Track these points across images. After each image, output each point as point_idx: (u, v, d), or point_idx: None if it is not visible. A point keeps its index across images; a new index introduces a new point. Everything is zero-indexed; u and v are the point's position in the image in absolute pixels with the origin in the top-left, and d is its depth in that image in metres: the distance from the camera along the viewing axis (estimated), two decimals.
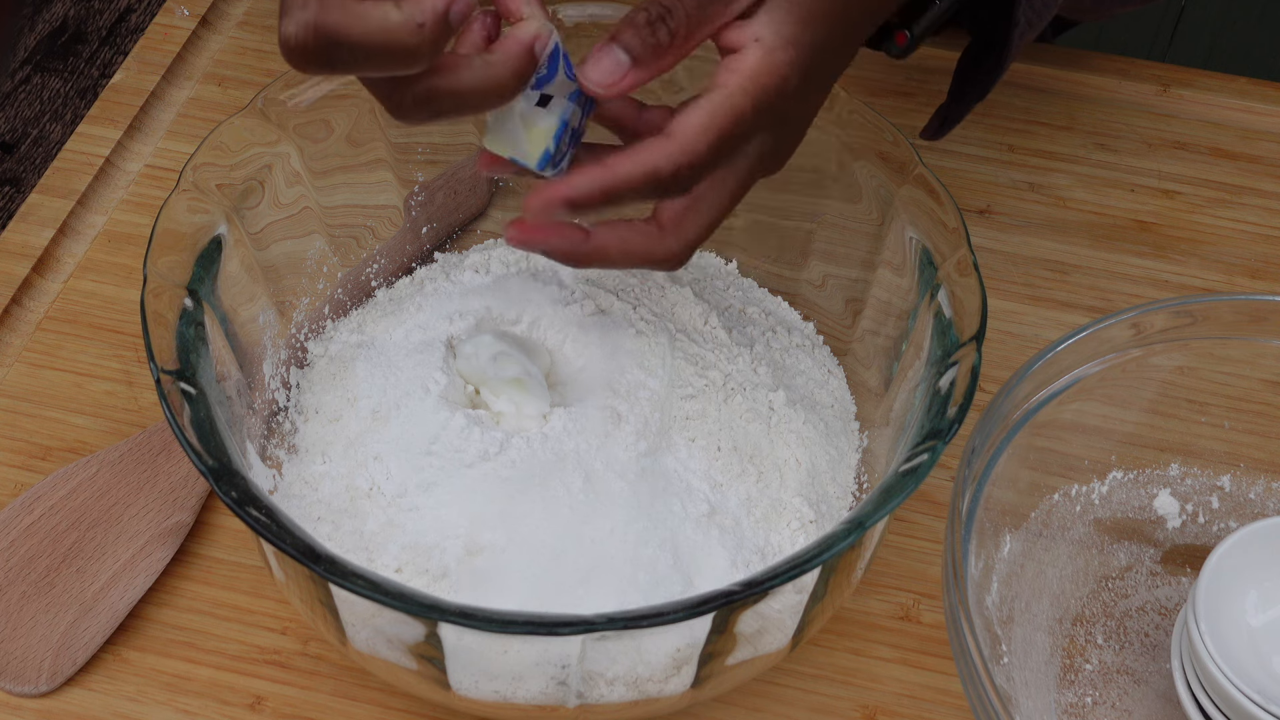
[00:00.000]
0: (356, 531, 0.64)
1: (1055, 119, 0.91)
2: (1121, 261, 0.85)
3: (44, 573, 0.70)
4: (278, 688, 0.69)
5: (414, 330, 0.71)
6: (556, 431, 0.65)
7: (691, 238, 0.57)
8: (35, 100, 1.70)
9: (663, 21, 0.54)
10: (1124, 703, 0.68)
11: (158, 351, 0.60)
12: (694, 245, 0.57)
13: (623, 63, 0.54)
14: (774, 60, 0.55)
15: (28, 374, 0.78)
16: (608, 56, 0.54)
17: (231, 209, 0.66)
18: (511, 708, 0.60)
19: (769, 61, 0.55)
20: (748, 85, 0.54)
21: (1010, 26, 0.68)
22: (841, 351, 0.74)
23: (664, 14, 0.54)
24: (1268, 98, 0.92)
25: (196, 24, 0.94)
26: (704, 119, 0.54)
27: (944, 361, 0.62)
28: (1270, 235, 0.86)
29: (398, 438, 0.66)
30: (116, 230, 0.84)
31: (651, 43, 0.54)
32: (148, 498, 0.72)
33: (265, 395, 0.69)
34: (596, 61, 0.54)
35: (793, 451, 0.68)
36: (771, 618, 0.60)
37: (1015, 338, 0.81)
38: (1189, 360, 0.71)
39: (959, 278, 0.64)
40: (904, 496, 0.57)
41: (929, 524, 0.74)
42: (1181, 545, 0.73)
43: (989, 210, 0.87)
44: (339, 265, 0.73)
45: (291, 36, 0.49)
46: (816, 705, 0.69)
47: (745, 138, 0.55)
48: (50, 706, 0.68)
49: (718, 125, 0.54)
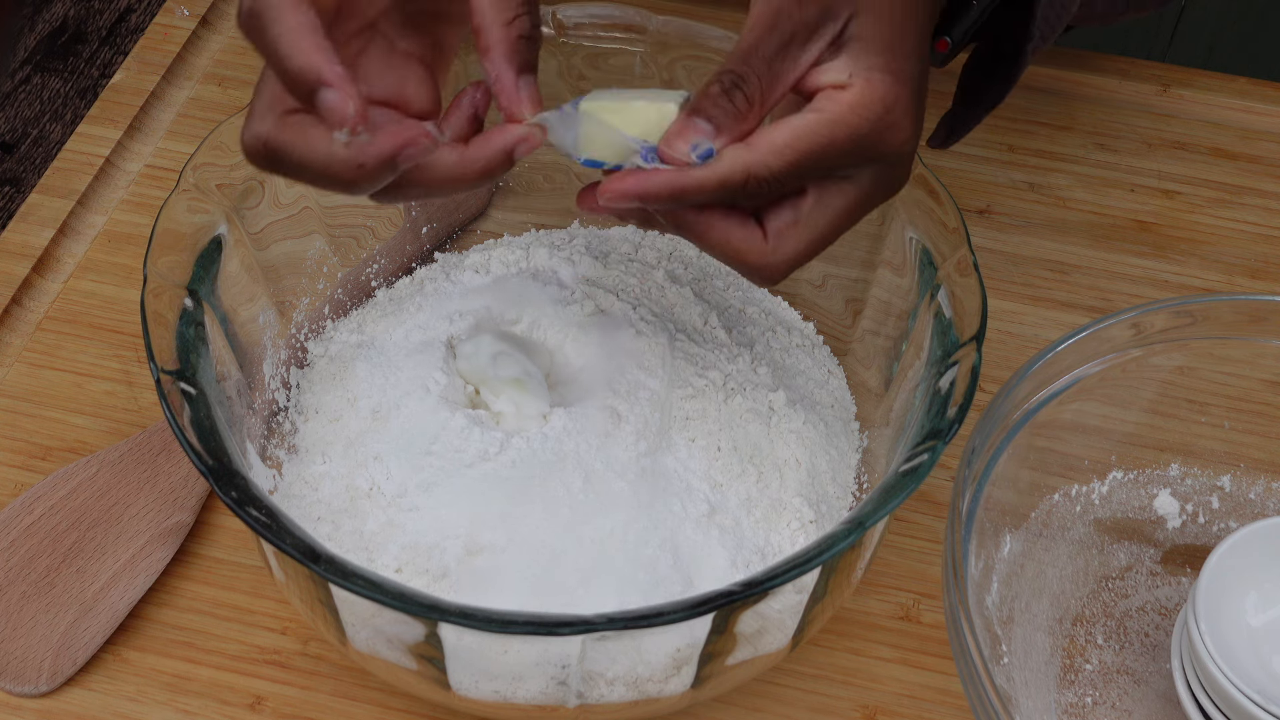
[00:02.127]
0: (356, 531, 0.64)
1: (1055, 119, 0.91)
2: (1121, 261, 0.85)
3: (44, 573, 0.70)
4: (278, 688, 0.69)
5: (414, 330, 0.71)
6: (556, 431, 0.65)
7: (790, 255, 0.57)
8: (35, 100, 1.70)
9: (737, 88, 0.55)
10: (1124, 703, 0.68)
11: (158, 351, 0.60)
12: (792, 263, 0.57)
13: (704, 129, 0.54)
14: (875, 95, 0.55)
15: (28, 374, 0.78)
16: (689, 128, 0.55)
17: (231, 209, 0.66)
18: (511, 708, 0.60)
19: (870, 95, 0.55)
20: (847, 116, 0.55)
21: (1024, 39, 0.68)
22: (841, 351, 0.74)
23: (738, 81, 0.55)
24: (1268, 98, 0.92)
25: (196, 24, 0.94)
26: (787, 137, 0.55)
27: (944, 361, 0.62)
28: (1270, 235, 0.86)
29: (398, 438, 0.66)
30: (116, 230, 0.84)
31: (731, 110, 0.55)
32: (148, 498, 0.72)
33: (265, 395, 0.69)
34: (679, 133, 0.55)
35: (793, 451, 0.68)
36: (771, 618, 0.60)
37: (1015, 338, 0.81)
38: (1189, 360, 0.71)
39: (959, 278, 0.64)
40: (904, 496, 0.57)
41: (929, 524, 0.74)
42: (1181, 545, 0.73)
43: (989, 210, 0.87)
44: (339, 265, 0.73)
45: (246, 144, 0.55)
46: (816, 705, 0.69)
47: (838, 165, 0.56)
48: (50, 706, 0.68)
49: (800, 147, 0.55)
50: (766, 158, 0.55)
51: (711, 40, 0.71)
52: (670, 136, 0.55)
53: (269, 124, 0.54)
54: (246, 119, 0.55)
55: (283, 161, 0.54)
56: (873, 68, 0.55)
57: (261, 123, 0.54)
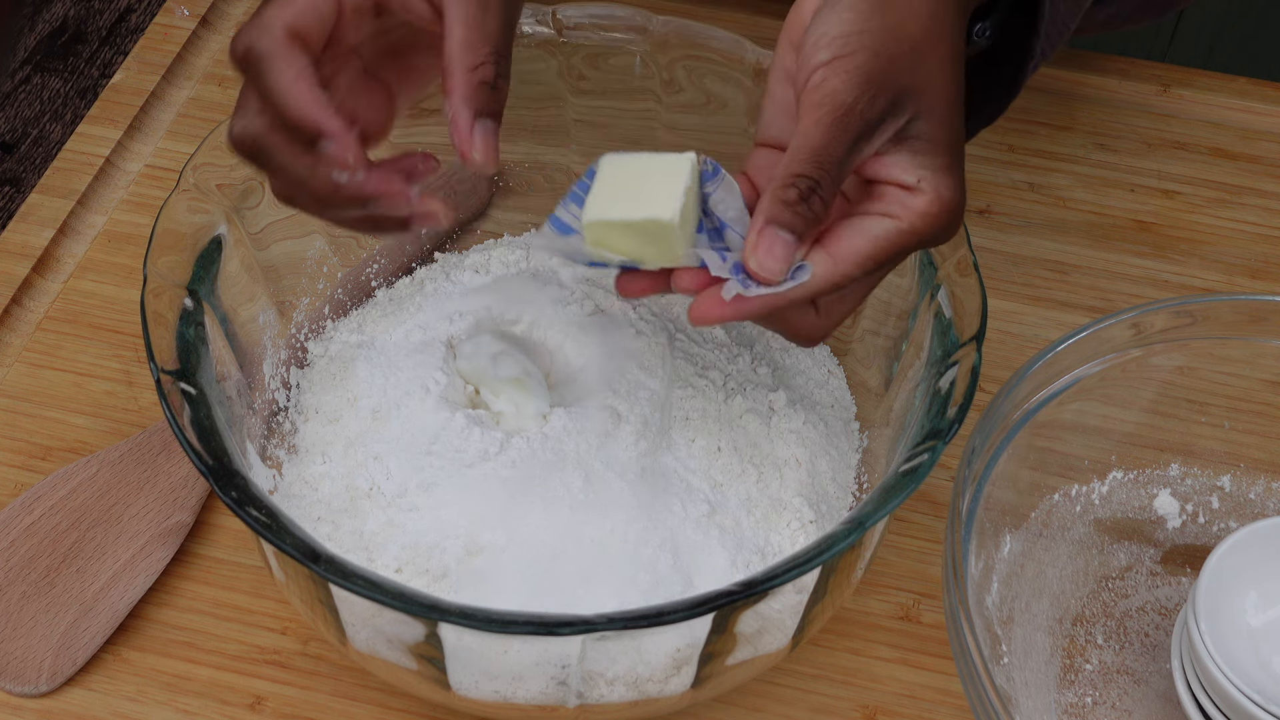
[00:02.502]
0: (356, 531, 0.64)
1: (1055, 119, 0.91)
2: (1121, 261, 0.85)
3: (44, 573, 0.70)
4: (278, 688, 0.69)
5: (414, 330, 0.71)
6: (556, 431, 0.65)
7: (836, 321, 0.59)
8: (35, 100, 1.70)
9: (814, 194, 0.55)
10: (1124, 703, 0.68)
11: (158, 351, 0.60)
12: (836, 326, 0.60)
13: (790, 243, 0.55)
14: (946, 203, 0.57)
15: (28, 374, 0.78)
16: (778, 244, 0.55)
17: (231, 209, 0.66)
18: (511, 708, 0.60)
19: (941, 204, 0.56)
20: (920, 225, 0.56)
21: (1026, 58, 0.68)
22: (841, 351, 0.74)
23: (814, 186, 0.55)
24: (1268, 98, 0.92)
25: (196, 24, 0.94)
26: (870, 249, 0.56)
27: (944, 361, 0.62)
28: (1270, 235, 0.86)
29: (398, 438, 0.66)
30: (116, 230, 0.84)
31: (809, 218, 0.55)
32: (148, 498, 0.72)
33: (265, 395, 0.69)
34: (769, 250, 0.55)
35: (793, 451, 0.68)
36: (771, 618, 0.60)
37: (1015, 338, 0.81)
38: (1189, 360, 0.71)
39: (959, 278, 0.64)
40: (904, 496, 0.57)
41: (929, 524, 0.74)
42: (1181, 545, 0.73)
43: (989, 210, 0.87)
44: (339, 265, 0.73)
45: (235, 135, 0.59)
46: (816, 705, 0.69)
47: (895, 262, 0.58)
48: (50, 706, 0.68)
49: (880, 257, 0.56)
50: (851, 270, 0.56)
51: (711, 40, 0.71)
52: (759, 250, 0.55)
53: (261, 124, 0.58)
54: (237, 108, 0.58)
55: (268, 162, 0.58)
56: (939, 169, 0.56)
57: (254, 120, 0.58)
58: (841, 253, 0.56)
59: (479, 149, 0.57)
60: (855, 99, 0.55)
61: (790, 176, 0.55)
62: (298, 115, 0.56)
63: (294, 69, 0.57)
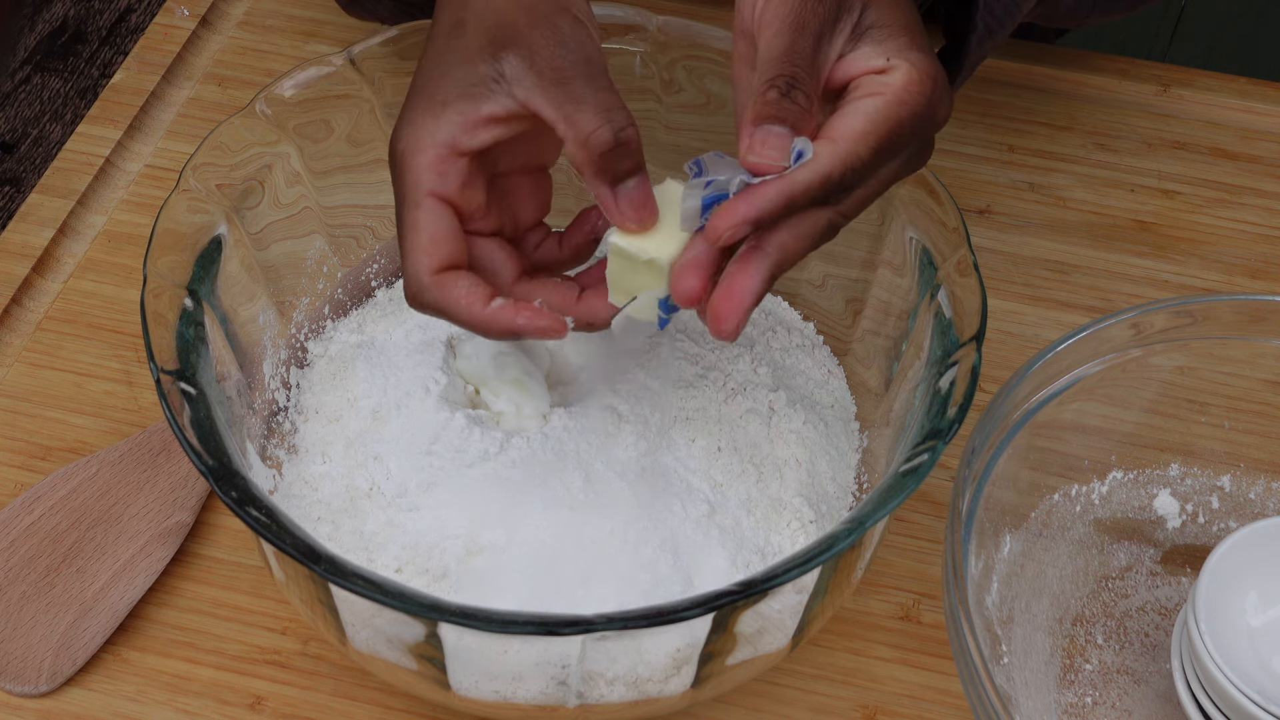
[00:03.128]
0: (356, 531, 0.64)
1: (1055, 119, 0.91)
2: (1121, 261, 0.85)
3: (44, 573, 0.70)
4: (278, 688, 0.69)
5: (414, 330, 0.71)
6: (557, 431, 0.65)
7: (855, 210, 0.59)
8: (35, 100, 1.70)
9: (795, 88, 0.55)
10: (1124, 703, 0.68)
11: (158, 351, 0.60)
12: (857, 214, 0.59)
13: (783, 134, 0.55)
14: (922, 72, 0.57)
15: (28, 374, 0.78)
16: (773, 136, 0.55)
17: (231, 209, 0.66)
18: (511, 708, 0.60)
19: (918, 73, 0.57)
20: (904, 96, 0.56)
21: (968, 31, 0.69)
22: (841, 351, 0.74)
23: (792, 81, 0.55)
24: (1268, 98, 0.92)
25: (196, 24, 0.94)
26: (865, 124, 0.56)
27: (944, 361, 0.62)
28: (1270, 235, 0.86)
29: (398, 438, 0.66)
30: (116, 230, 0.84)
31: (797, 110, 0.55)
32: (148, 498, 0.72)
33: (265, 395, 0.69)
34: (764, 141, 0.55)
35: (793, 451, 0.68)
36: (771, 618, 0.60)
37: (1015, 338, 0.81)
38: (1189, 360, 0.71)
39: (959, 278, 0.64)
40: (904, 496, 0.57)
41: (929, 524, 0.74)
42: (1181, 545, 0.73)
43: (989, 210, 0.87)
44: (339, 265, 0.73)
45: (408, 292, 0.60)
46: (816, 705, 0.69)
47: (906, 144, 0.57)
48: (50, 706, 0.68)
49: (879, 131, 0.56)
50: (856, 148, 0.56)
51: (712, 40, 0.71)
52: (755, 146, 0.55)
53: (425, 283, 0.59)
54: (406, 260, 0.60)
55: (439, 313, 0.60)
56: (904, 48, 0.57)
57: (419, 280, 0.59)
58: (840, 133, 0.56)
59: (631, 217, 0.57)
60: (802, 4, 0.56)
61: (766, 81, 0.55)
62: (495, 334, 0.59)
63: (465, 299, 0.59)
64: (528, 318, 0.59)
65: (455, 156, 0.59)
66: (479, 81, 0.58)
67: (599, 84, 0.57)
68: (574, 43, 0.58)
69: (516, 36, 0.58)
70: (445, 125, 0.58)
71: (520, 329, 0.59)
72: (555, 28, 0.58)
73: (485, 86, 0.58)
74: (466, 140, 0.59)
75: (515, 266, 0.63)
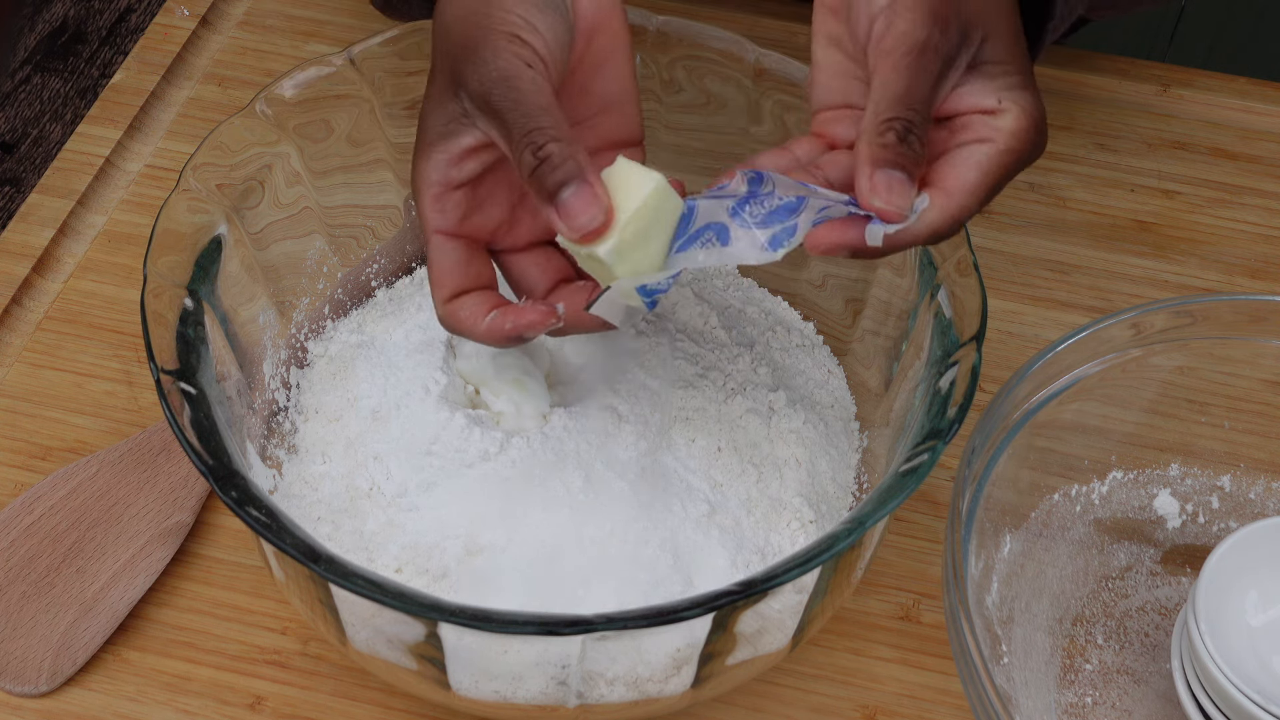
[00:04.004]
0: (356, 531, 0.64)
1: (1055, 119, 0.91)
2: (1121, 261, 0.85)
3: (44, 573, 0.70)
4: (278, 688, 0.69)
5: (414, 330, 0.71)
6: (557, 431, 0.65)
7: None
8: (35, 100, 1.70)
9: (912, 134, 0.55)
10: (1124, 703, 0.68)
11: (158, 351, 0.60)
12: None
13: (905, 180, 0.55)
14: (1031, 118, 0.57)
15: (28, 374, 0.78)
16: (895, 182, 0.55)
17: (231, 209, 0.66)
18: (511, 708, 0.60)
19: (1028, 120, 0.57)
20: (1014, 143, 0.57)
21: (1046, 18, 0.69)
22: (841, 351, 0.74)
23: (909, 127, 0.55)
24: (1268, 98, 0.92)
25: (196, 24, 0.94)
26: (978, 177, 0.57)
27: (944, 361, 0.62)
28: (1270, 235, 0.86)
29: (398, 438, 0.66)
30: (116, 230, 0.84)
31: (914, 157, 0.55)
32: (148, 498, 0.72)
33: (265, 395, 0.69)
34: (889, 188, 0.55)
35: (793, 451, 0.68)
36: (771, 618, 0.60)
37: (1015, 338, 0.81)
38: (1189, 360, 0.71)
39: (959, 278, 0.64)
40: (904, 496, 0.57)
41: (929, 524, 0.74)
42: (1181, 545, 0.73)
43: (989, 210, 0.87)
44: (339, 265, 0.73)
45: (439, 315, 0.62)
46: (816, 705, 0.69)
47: (1002, 187, 0.58)
48: (50, 706, 0.68)
49: (989, 183, 0.57)
50: (967, 201, 0.56)
51: (712, 40, 0.71)
52: (879, 190, 0.55)
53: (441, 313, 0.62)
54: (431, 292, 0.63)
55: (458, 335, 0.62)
56: (1013, 87, 0.57)
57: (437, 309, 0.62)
58: (953, 186, 0.56)
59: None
60: (928, 35, 0.55)
61: (883, 122, 0.55)
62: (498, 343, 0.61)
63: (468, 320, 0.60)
64: (514, 320, 0.60)
65: (450, 191, 0.61)
66: (452, 119, 0.60)
67: (520, 101, 0.57)
68: (491, 66, 0.58)
69: (458, 71, 0.59)
70: (434, 165, 0.60)
71: (510, 333, 0.60)
72: (478, 56, 0.58)
73: (458, 122, 0.60)
74: (456, 174, 0.60)
75: (551, 276, 0.63)
